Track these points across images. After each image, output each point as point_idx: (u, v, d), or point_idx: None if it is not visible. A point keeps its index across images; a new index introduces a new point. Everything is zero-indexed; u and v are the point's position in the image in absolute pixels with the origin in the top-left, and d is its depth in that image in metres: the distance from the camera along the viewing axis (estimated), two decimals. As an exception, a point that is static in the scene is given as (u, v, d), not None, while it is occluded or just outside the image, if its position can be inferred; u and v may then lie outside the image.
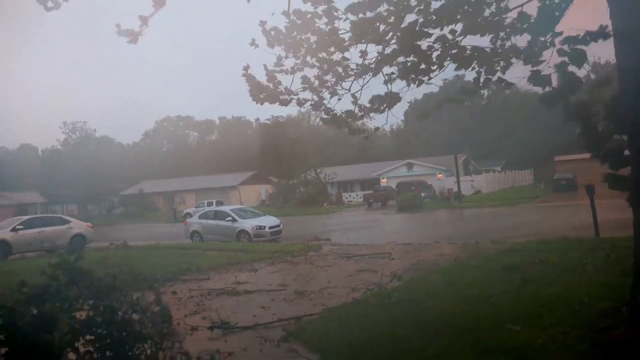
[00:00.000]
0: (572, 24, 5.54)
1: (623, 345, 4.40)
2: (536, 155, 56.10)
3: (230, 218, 20.96)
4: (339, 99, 7.03)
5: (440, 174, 48.44)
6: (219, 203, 42.12)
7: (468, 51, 6.06)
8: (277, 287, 9.94)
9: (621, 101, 5.15)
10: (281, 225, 21.45)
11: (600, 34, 5.27)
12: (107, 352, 3.79)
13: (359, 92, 7.00)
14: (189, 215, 38.46)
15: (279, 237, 20.69)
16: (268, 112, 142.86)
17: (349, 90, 6.90)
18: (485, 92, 61.37)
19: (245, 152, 67.57)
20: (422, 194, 39.17)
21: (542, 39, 5.63)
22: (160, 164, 75.09)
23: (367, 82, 6.89)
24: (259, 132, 66.77)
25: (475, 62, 6.12)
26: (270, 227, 20.74)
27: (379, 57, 6.48)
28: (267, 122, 57.34)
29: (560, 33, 5.53)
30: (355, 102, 6.96)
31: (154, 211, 55.58)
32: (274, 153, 51.16)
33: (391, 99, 6.77)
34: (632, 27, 4.77)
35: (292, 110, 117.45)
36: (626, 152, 5.35)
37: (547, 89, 5.73)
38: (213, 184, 56.96)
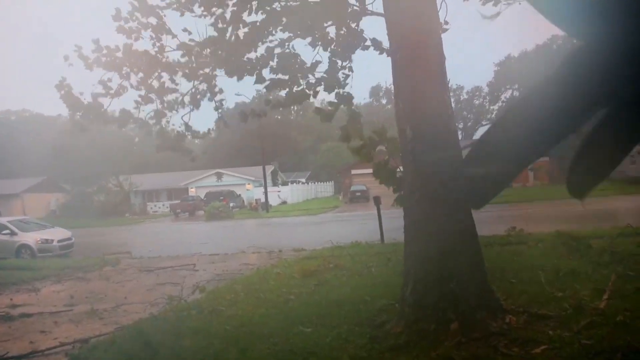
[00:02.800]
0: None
1: (394, 336, 5.03)
2: (337, 168, 61.04)
3: (8, 231, 18.09)
4: (167, 121, 7.71)
5: (249, 184, 49.31)
6: (-5, 214, 36.06)
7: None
8: (62, 307, 8.89)
9: (398, 127, 6.04)
10: (73, 239, 19.30)
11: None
12: None
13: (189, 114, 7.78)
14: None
15: (70, 251, 18.59)
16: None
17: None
18: (294, 107, 65.14)
19: (32, 154, 59.06)
20: (231, 204, 39.37)
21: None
22: None
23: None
24: (53, 131, 58.99)
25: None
26: (59, 241, 18.49)
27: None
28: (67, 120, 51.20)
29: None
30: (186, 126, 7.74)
31: None
32: (69, 156, 45.82)
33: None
34: (403, 39, 5.65)
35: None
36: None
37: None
38: (-13, 190, 48.31)
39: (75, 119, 7.49)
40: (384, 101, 76.19)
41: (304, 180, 61.57)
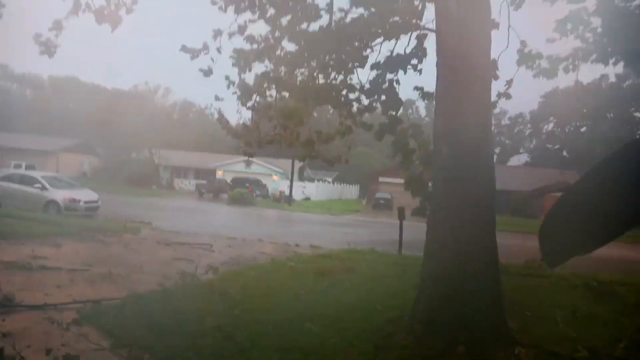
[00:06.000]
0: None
1: (399, 349, 4.98)
2: (365, 173, 60.81)
3: (39, 185, 18.64)
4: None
5: (275, 175, 49.63)
6: (30, 167, 37.08)
7: None
8: (80, 266, 9.10)
9: (434, 143, 5.98)
10: (99, 201, 19.78)
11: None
12: None
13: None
14: (-13, 174, 33.30)
15: (95, 213, 19.05)
16: (110, 76, 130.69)
17: None
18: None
19: (73, 116, 60.68)
20: (256, 192, 39.72)
21: None
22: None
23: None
24: (96, 98, 60.51)
25: None
26: (85, 202, 18.97)
27: None
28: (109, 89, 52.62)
29: None
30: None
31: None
32: (109, 123, 46.89)
33: None
34: (454, 59, 5.57)
35: (138, 81, 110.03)
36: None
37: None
38: (25, 144, 49.65)
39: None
40: (419, 114, 75.50)
41: (330, 179, 61.59)
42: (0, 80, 79.29)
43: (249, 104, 8.84)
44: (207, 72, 8.57)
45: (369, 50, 7.65)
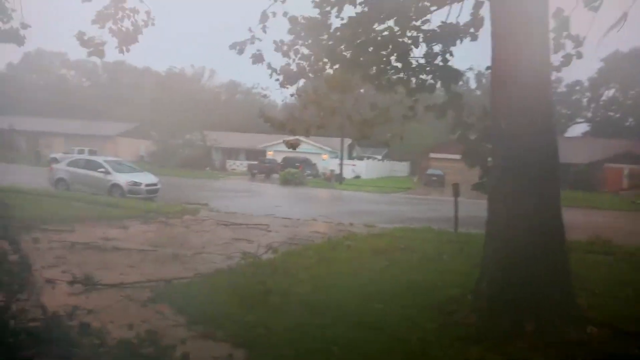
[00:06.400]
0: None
1: (464, 327, 4.99)
2: (415, 149, 59.88)
3: (103, 169, 19.58)
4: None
5: (325, 154, 49.75)
6: (92, 152, 38.96)
7: None
8: (148, 247, 9.58)
9: (492, 117, 5.82)
10: (159, 185, 20.58)
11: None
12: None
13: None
14: (55, 160, 35.18)
15: (155, 196, 19.83)
16: (155, 60, 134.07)
17: None
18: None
19: (127, 101, 62.90)
20: (306, 172, 40.07)
21: None
22: (25, 100, 66.55)
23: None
24: (146, 82, 62.42)
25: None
26: (146, 185, 19.78)
27: None
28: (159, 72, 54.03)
29: None
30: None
31: (14, 151, 49.74)
32: (162, 107, 48.29)
33: None
34: (511, 27, 5.40)
35: (184, 64, 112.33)
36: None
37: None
38: (87, 130, 52.13)
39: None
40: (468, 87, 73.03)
41: (379, 157, 61.12)
42: (59, 68, 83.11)
43: (292, 90, 8.81)
44: (258, 59, 8.43)
45: (420, 22, 7.40)
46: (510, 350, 4.40)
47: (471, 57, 18.83)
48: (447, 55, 7.34)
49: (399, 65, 7.23)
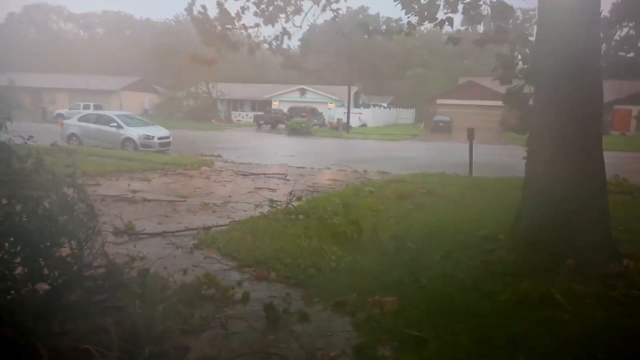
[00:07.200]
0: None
1: (507, 264, 5.17)
2: (420, 96, 59.26)
3: (115, 124, 19.59)
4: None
5: (331, 103, 49.34)
6: (97, 107, 38.76)
7: None
8: (176, 197, 9.75)
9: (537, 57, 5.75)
10: (171, 137, 20.62)
11: None
12: (26, 248, 3.54)
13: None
14: (61, 116, 35.10)
15: (168, 149, 19.92)
16: (155, 9, 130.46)
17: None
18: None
19: (129, 54, 61.86)
20: (313, 121, 39.88)
21: None
22: (26, 56, 65.40)
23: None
24: (147, 34, 61.05)
25: None
26: (159, 138, 19.85)
27: None
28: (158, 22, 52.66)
29: None
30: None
31: (16, 108, 49.45)
32: (164, 59, 47.41)
33: None
34: None
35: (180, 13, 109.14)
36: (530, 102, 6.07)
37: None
38: (90, 85, 51.58)
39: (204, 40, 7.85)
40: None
41: (385, 105, 60.60)
42: (57, 22, 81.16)
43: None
44: None
45: None
46: (559, 283, 4.59)
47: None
48: None
49: None
